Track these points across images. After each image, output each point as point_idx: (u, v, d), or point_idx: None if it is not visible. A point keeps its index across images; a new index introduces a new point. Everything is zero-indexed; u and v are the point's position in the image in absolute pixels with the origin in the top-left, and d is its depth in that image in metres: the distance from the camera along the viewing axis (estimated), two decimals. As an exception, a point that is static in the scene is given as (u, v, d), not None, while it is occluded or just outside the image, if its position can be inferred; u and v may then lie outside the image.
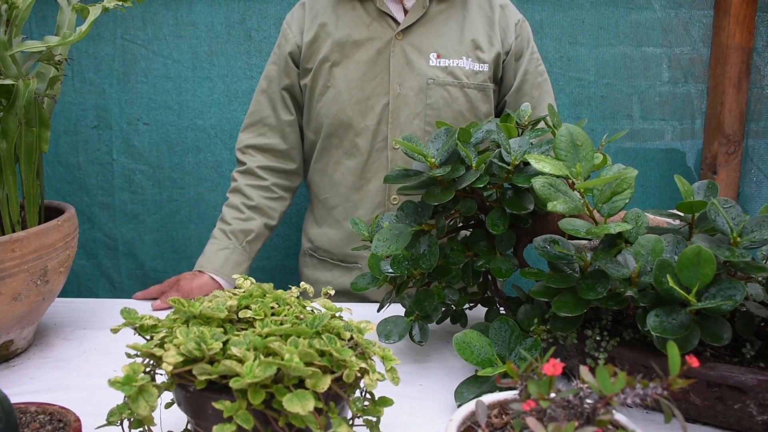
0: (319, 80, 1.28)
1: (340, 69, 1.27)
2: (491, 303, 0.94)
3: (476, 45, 1.28)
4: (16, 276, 0.81)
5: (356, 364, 0.53)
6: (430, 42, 1.26)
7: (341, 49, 1.26)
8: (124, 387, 0.50)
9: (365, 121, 1.27)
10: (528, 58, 1.33)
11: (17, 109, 0.84)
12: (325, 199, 1.36)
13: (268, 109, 1.33)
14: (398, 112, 1.26)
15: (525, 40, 1.33)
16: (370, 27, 1.26)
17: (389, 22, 1.26)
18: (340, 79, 1.26)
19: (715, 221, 0.70)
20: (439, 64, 1.26)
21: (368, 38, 1.26)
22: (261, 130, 1.34)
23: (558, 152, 0.75)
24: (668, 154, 1.80)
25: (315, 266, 1.41)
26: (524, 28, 1.34)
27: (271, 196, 1.34)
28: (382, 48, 1.26)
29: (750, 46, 1.71)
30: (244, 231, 1.30)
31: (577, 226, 0.71)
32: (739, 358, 0.71)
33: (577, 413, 0.44)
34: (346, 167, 1.31)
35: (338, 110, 1.27)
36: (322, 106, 1.29)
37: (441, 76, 1.26)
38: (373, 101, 1.27)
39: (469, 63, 1.27)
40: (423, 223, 0.87)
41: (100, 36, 1.67)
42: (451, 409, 0.75)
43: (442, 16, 1.28)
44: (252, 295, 0.64)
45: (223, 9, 1.66)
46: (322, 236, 1.37)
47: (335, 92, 1.27)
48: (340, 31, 1.26)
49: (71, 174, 1.73)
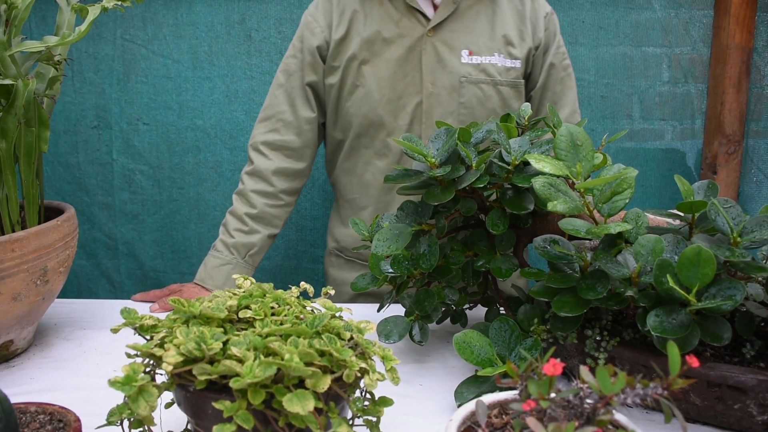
0: (348, 79, 1.25)
1: (369, 67, 1.23)
2: (491, 303, 0.94)
3: (508, 41, 1.25)
4: (15, 276, 0.81)
5: (356, 364, 0.53)
6: (461, 38, 1.23)
7: (370, 47, 1.23)
8: (124, 387, 0.50)
9: (397, 121, 1.25)
10: (554, 52, 1.30)
11: (17, 109, 0.84)
12: (353, 200, 1.33)
13: (285, 104, 1.29)
14: (431, 111, 1.24)
15: (552, 33, 1.30)
16: (399, 23, 1.23)
17: (419, 18, 1.23)
18: (370, 78, 1.23)
19: (715, 221, 0.70)
20: (471, 61, 1.23)
21: (398, 35, 1.23)
22: (275, 125, 1.30)
23: (558, 152, 0.75)
24: (668, 154, 1.80)
25: (341, 266, 1.38)
26: (552, 20, 1.30)
27: (276, 204, 1.31)
28: (413, 45, 1.23)
29: (750, 46, 1.71)
30: (246, 245, 1.27)
31: (577, 226, 0.71)
32: (739, 358, 0.71)
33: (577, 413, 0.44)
34: (377, 167, 1.28)
35: (369, 110, 1.24)
36: (350, 105, 1.26)
37: (474, 74, 1.23)
38: (405, 100, 1.24)
39: (501, 59, 1.25)
40: (423, 223, 0.87)
41: (100, 36, 1.67)
42: (451, 409, 0.75)
43: (472, 11, 1.25)
44: (252, 295, 0.64)
45: (223, 9, 1.66)
46: (349, 237, 1.34)
47: (365, 91, 1.24)
48: (368, 28, 1.23)
49: (71, 174, 1.73)
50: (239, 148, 1.72)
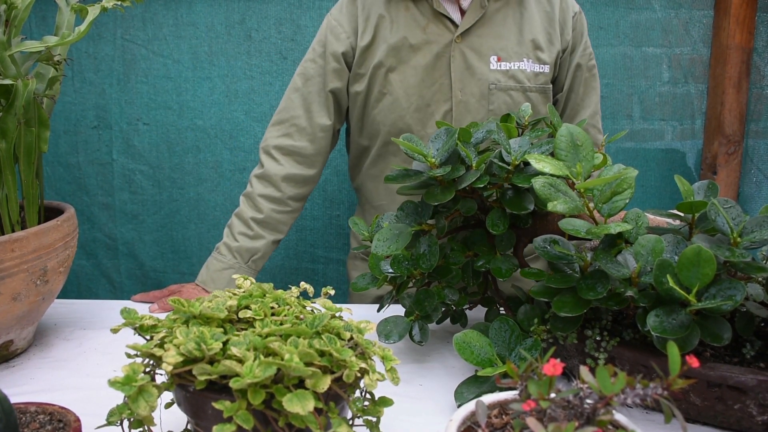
0: (375, 87, 1.22)
1: (397, 75, 1.20)
2: (491, 303, 0.94)
3: (536, 45, 1.22)
4: (15, 276, 0.81)
5: (356, 364, 0.53)
6: (489, 44, 1.21)
7: (397, 54, 1.20)
8: (124, 387, 0.50)
9: (426, 129, 1.22)
10: (581, 53, 1.27)
11: (16, 109, 0.84)
12: (380, 206, 1.30)
13: (300, 109, 1.26)
14: (461, 119, 1.21)
15: (580, 33, 1.27)
16: (426, 30, 1.20)
17: (446, 24, 1.20)
18: (397, 86, 1.21)
19: (715, 221, 0.70)
20: (500, 67, 1.20)
21: (425, 42, 1.20)
22: (288, 130, 1.27)
23: (558, 152, 0.75)
24: (668, 155, 1.80)
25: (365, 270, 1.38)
26: (580, 20, 1.27)
27: (283, 210, 1.28)
28: (441, 52, 1.20)
29: (750, 46, 1.71)
30: (250, 250, 1.25)
31: (577, 226, 0.71)
32: (739, 359, 0.71)
33: (577, 413, 0.44)
34: None
35: (396, 118, 1.22)
36: (378, 113, 1.23)
37: (503, 81, 1.21)
38: (433, 108, 1.21)
39: (530, 65, 1.22)
40: (423, 223, 0.87)
41: (100, 36, 1.67)
42: (451, 409, 0.75)
43: (500, 15, 1.22)
44: (252, 295, 0.64)
45: (223, 9, 1.66)
46: None
47: (392, 99, 1.21)
48: (395, 34, 1.20)
49: (71, 174, 1.73)
50: (239, 148, 1.72)
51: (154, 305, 1.13)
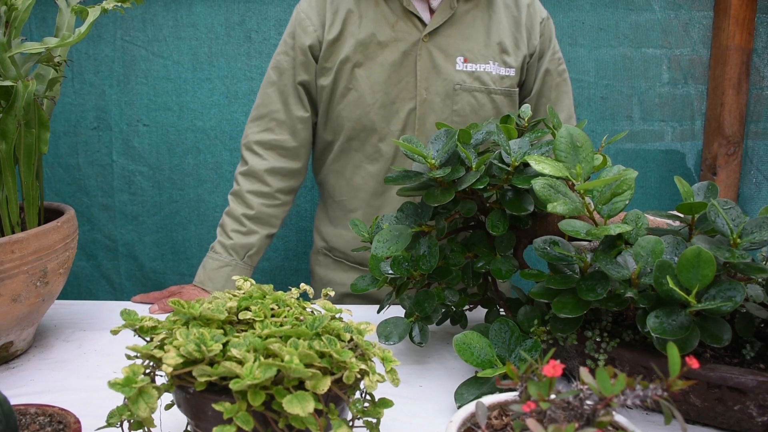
0: (340, 82, 1.22)
1: (363, 71, 1.21)
2: (491, 304, 0.94)
3: (503, 48, 1.24)
4: (15, 277, 0.81)
5: (356, 365, 0.53)
6: (456, 45, 1.22)
7: (364, 50, 1.21)
8: (124, 388, 0.50)
9: (390, 126, 1.23)
10: (549, 58, 1.28)
11: (16, 111, 0.84)
12: (342, 201, 1.31)
13: (278, 103, 1.26)
14: (425, 117, 1.22)
15: (548, 38, 1.29)
16: (395, 27, 1.21)
17: (415, 23, 1.21)
18: (363, 82, 1.21)
19: (715, 222, 0.70)
20: (466, 68, 1.21)
21: (393, 39, 1.21)
22: (269, 124, 1.27)
23: (558, 153, 0.75)
24: (668, 156, 1.80)
25: (329, 266, 1.38)
26: (548, 26, 1.29)
27: (273, 204, 1.29)
28: (408, 50, 1.21)
29: (749, 47, 1.71)
30: (245, 246, 1.26)
31: (577, 227, 0.71)
32: (739, 360, 0.71)
33: (577, 414, 0.44)
34: (367, 172, 1.26)
35: (361, 114, 1.22)
36: (342, 108, 1.24)
37: (468, 81, 1.22)
38: (398, 105, 1.22)
39: (496, 67, 1.23)
40: (423, 225, 0.87)
41: (100, 37, 1.67)
42: (451, 411, 0.75)
43: (469, 16, 1.23)
44: (252, 297, 0.64)
45: (223, 10, 1.66)
46: (338, 237, 1.33)
47: (358, 95, 1.22)
48: (363, 30, 1.20)
49: (71, 175, 1.73)
50: (239, 149, 1.71)
51: (154, 306, 1.12)
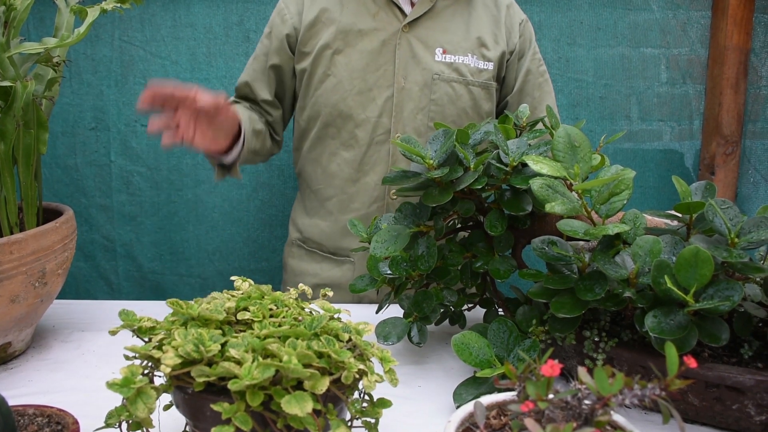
0: (319, 67, 1.25)
1: (342, 57, 1.24)
2: (490, 304, 0.94)
3: (482, 42, 1.27)
4: (14, 278, 0.81)
5: (355, 365, 0.53)
6: (436, 36, 1.25)
7: (345, 37, 1.24)
8: (123, 389, 0.50)
9: (366, 113, 1.25)
10: (530, 58, 1.32)
11: (15, 111, 0.84)
12: (317, 190, 1.33)
13: (247, 87, 1.32)
14: (402, 105, 1.25)
15: (528, 40, 1.33)
16: (376, 17, 1.24)
17: (396, 13, 1.25)
18: (342, 68, 1.24)
19: (713, 222, 0.70)
20: (445, 59, 1.25)
21: (374, 28, 1.24)
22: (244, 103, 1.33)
23: (556, 153, 0.75)
24: (666, 155, 1.80)
25: (302, 257, 1.38)
26: (527, 28, 1.34)
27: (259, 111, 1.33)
28: (388, 39, 1.24)
29: (747, 47, 1.71)
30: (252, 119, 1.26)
31: (575, 227, 0.71)
32: (737, 359, 0.71)
33: (575, 414, 0.44)
34: (342, 159, 1.28)
35: (338, 100, 1.25)
36: (320, 94, 1.26)
37: (446, 72, 1.25)
38: (375, 93, 1.25)
39: (474, 60, 1.26)
40: (421, 225, 0.87)
41: (98, 38, 1.67)
42: (449, 411, 0.75)
43: (449, 11, 1.27)
44: (250, 297, 0.64)
45: (222, 10, 1.66)
46: (313, 227, 1.34)
47: (336, 81, 1.25)
48: (345, 18, 1.24)
49: (69, 176, 1.73)
50: (238, 149, 1.72)
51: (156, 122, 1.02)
